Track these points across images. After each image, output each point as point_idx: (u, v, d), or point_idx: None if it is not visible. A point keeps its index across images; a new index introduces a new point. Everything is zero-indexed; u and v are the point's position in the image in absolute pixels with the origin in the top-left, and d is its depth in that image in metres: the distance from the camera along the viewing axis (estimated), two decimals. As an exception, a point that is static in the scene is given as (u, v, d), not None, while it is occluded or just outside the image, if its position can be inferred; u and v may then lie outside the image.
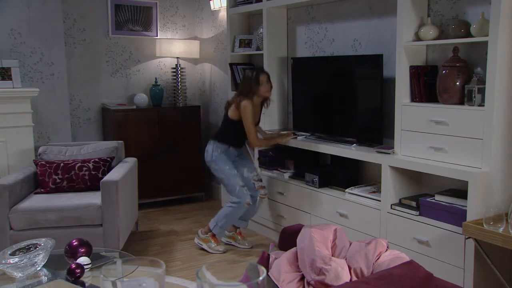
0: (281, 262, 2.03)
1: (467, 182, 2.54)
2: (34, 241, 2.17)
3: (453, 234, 2.60)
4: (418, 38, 2.91)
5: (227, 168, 3.73)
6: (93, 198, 3.40)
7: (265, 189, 3.89)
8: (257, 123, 3.80)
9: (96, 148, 3.94)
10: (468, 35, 2.66)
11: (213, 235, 3.79)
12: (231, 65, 4.50)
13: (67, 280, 2.08)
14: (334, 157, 3.54)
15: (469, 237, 2.45)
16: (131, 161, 3.94)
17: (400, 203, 2.97)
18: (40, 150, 3.90)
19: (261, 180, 3.89)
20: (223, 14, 4.93)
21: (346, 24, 3.66)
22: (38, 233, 3.13)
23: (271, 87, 3.73)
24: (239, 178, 3.73)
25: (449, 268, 2.62)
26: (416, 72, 2.91)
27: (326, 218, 3.44)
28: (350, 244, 2.06)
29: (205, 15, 5.33)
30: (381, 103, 3.20)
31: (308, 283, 1.94)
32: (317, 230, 2.04)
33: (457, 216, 2.61)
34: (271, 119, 4.18)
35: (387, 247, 1.97)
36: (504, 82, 2.50)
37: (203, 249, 3.78)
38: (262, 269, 0.97)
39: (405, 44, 2.90)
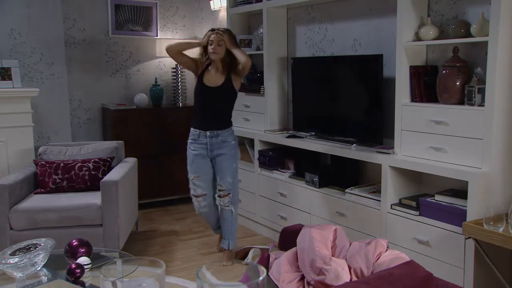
0: (281, 262, 2.03)
1: (467, 182, 2.54)
2: (34, 241, 2.16)
3: (453, 234, 2.60)
4: (418, 38, 2.91)
5: (188, 170, 3.43)
6: (93, 198, 3.40)
7: (226, 197, 3.39)
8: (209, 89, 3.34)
9: (96, 148, 3.94)
10: (468, 35, 2.66)
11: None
12: (231, 65, 4.49)
13: (67, 280, 2.08)
14: (334, 157, 3.54)
15: (469, 237, 2.45)
16: (131, 161, 3.94)
17: (400, 203, 2.97)
18: (40, 150, 3.90)
19: (224, 191, 3.38)
20: (223, 14, 4.93)
21: (346, 24, 3.66)
22: (38, 233, 3.13)
23: (222, 44, 3.23)
24: (193, 185, 3.41)
25: (449, 268, 2.62)
26: (416, 72, 2.91)
27: (326, 218, 3.44)
28: (350, 244, 2.06)
29: (205, 15, 5.33)
30: (381, 103, 3.20)
31: (308, 283, 1.94)
32: (317, 230, 2.04)
33: (457, 216, 2.61)
34: (271, 119, 4.18)
35: (387, 247, 1.97)
36: (504, 82, 2.50)
37: None
38: (262, 269, 0.97)
39: (405, 44, 2.90)
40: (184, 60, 3.42)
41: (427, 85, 2.89)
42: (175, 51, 3.35)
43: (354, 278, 1.89)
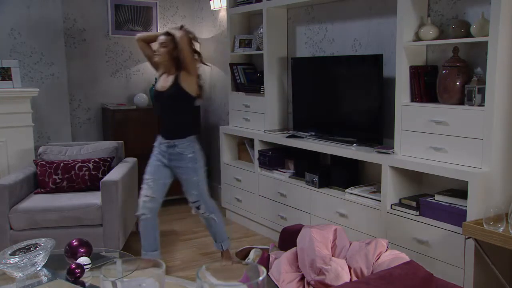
0: (281, 262, 2.03)
1: (467, 182, 2.54)
2: (34, 241, 2.16)
3: (453, 234, 2.60)
4: (418, 38, 2.91)
5: (146, 171, 3.25)
6: (93, 198, 3.40)
7: (199, 209, 3.30)
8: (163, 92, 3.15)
9: (96, 148, 3.94)
10: (468, 35, 2.66)
11: None
12: (231, 65, 4.50)
13: (67, 280, 2.08)
14: (334, 157, 3.54)
15: (469, 237, 2.45)
16: (131, 161, 3.94)
17: (400, 203, 2.97)
18: (40, 150, 3.90)
19: (194, 204, 3.29)
20: (223, 14, 4.93)
21: (346, 24, 3.66)
22: (38, 233, 3.13)
23: (166, 45, 3.07)
24: (146, 185, 3.22)
25: (449, 268, 2.62)
26: (416, 72, 2.91)
27: (326, 218, 3.44)
28: (350, 244, 2.06)
29: (205, 15, 5.33)
30: (381, 103, 3.20)
31: (308, 283, 1.94)
32: (317, 230, 2.04)
33: (457, 216, 2.61)
34: (271, 119, 4.18)
35: (387, 247, 1.97)
36: (504, 82, 2.50)
37: None
38: (262, 269, 0.97)
39: (405, 44, 2.90)
40: (147, 53, 3.30)
41: (427, 85, 2.89)
42: (142, 42, 3.28)
43: (354, 278, 1.89)
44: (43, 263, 2.09)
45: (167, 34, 3.13)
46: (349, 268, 1.92)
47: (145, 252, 3.28)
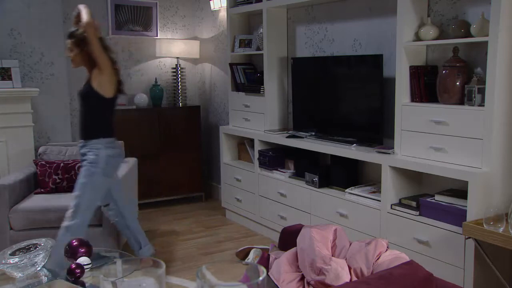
0: (281, 262, 2.03)
1: (467, 182, 2.54)
2: (34, 241, 2.16)
3: (453, 234, 2.60)
4: (418, 38, 2.91)
5: None
6: (93, 198, 3.39)
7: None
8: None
9: (96, 148, 3.94)
10: (468, 35, 2.66)
11: None
12: (231, 65, 4.50)
13: (67, 280, 2.08)
14: (334, 157, 3.54)
15: (469, 237, 2.45)
16: (131, 161, 3.94)
17: (400, 203, 2.97)
18: (40, 150, 3.90)
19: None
20: (223, 14, 4.93)
21: (346, 24, 3.66)
22: (38, 233, 3.12)
23: (72, 49, 2.88)
24: None
25: (449, 268, 2.62)
26: (416, 72, 2.91)
27: (326, 218, 3.44)
28: (350, 244, 2.06)
29: (205, 15, 5.33)
30: (381, 103, 3.20)
31: (308, 283, 1.94)
32: (317, 230, 2.04)
33: (457, 216, 2.61)
34: (271, 119, 4.18)
35: (387, 247, 1.97)
36: (504, 82, 2.50)
37: None
38: (262, 269, 0.97)
39: (405, 44, 2.90)
40: None
41: (427, 85, 2.89)
42: None
43: (354, 278, 1.89)
44: (43, 263, 2.09)
45: (71, 36, 2.88)
46: (349, 268, 1.92)
47: (136, 251, 3.28)
